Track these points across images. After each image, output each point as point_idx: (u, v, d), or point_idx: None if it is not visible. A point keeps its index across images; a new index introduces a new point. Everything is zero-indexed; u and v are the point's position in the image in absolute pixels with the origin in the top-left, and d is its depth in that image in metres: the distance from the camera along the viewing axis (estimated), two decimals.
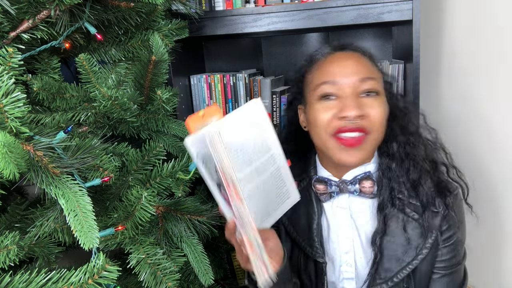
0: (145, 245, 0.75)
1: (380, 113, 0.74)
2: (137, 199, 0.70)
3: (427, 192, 0.78)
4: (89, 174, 0.67)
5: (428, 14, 1.31)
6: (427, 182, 0.79)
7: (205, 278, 0.82)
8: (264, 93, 1.32)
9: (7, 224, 0.75)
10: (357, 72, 0.75)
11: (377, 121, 0.74)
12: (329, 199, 0.83)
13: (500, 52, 1.30)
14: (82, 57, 0.73)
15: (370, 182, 0.79)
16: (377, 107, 0.74)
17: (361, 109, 0.72)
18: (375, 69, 0.79)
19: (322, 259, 0.81)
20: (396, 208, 0.78)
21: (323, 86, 0.76)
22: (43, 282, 0.56)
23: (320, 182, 0.82)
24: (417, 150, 0.82)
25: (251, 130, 0.66)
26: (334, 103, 0.75)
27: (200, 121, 0.65)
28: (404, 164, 0.81)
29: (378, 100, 0.75)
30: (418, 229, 0.77)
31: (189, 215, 0.85)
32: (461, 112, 1.36)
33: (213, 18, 1.19)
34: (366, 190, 0.79)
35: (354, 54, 0.79)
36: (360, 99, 0.74)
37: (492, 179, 1.38)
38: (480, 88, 1.34)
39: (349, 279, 0.83)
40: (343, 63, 0.77)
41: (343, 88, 0.74)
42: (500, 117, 1.34)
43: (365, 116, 0.73)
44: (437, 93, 1.37)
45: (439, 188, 0.79)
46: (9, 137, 0.51)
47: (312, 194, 0.85)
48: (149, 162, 0.81)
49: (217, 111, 0.67)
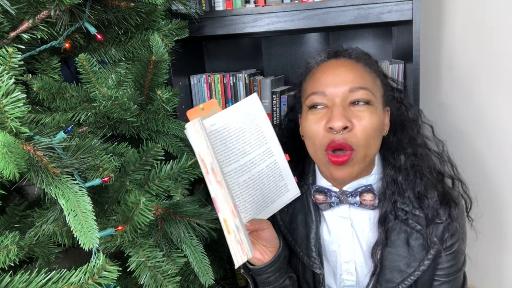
0: (145, 248, 0.75)
1: (368, 126, 0.71)
2: (135, 205, 0.69)
3: (432, 206, 0.77)
4: (89, 174, 0.67)
5: (428, 14, 1.31)
6: (433, 195, 0.77)
7: (205, 278, 0.82)
8: (264, 93, 1.32)
9: (6, 224, 0.75)
10: (347, 81, 0.72)
11: (363, 136, 0.71)
12: (329, 209, 0.81)
13: (500, 52, 1.29)
14: (82, 57, 0.73)
15: (371, 196, 0.77)
16: (365, 118, 0.71)
17: (347, 120, 0.70)
18: (370, 76, 0.76)
19: (319, 271, 0.80)
20: (399, 220, 0.77)
21: (312, 97, 0.75)
22: (43, 282, 0.56)
23: (320, 193, 0.80)
24: (424, 162, 0.80)
25: (247, 122, 0.68)
26: (323, 112, 0.73)
27: (200, 113, 0.68)
28: (410, 177, 0.79)
29: (369, 110, 0.72)
30: (420, 239, 0.76)
31: (188, 217, 0.85)
32: (461, 112, 1.36)
33: (213, 18, 1.19)
34: (366, 203, 0.78)
35: (347, 62, 0.77)
36: (348, 109, 0.72)
37: (493, 179, 1.38)
38: (480, 88, 1.34)
39: (350, 287, 0.82)
40: (333, 71, 0.75)
41: (332, 98, 0.73)
42: (500, 117, 1.34)
43: (352, 129, 0.71)
44: (437, 93, 1.37)
45: (444, 199, 0.78)
46: (9, 137, 0.50)
47: (311, 202, 0.83)
48: (147, 163, 0.81)
49: (216, 104, 0.70)
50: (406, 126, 0.82)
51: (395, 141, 0.81)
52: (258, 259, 0.76)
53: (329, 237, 0.83)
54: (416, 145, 0.81)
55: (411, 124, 0.82)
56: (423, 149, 0.81)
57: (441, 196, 0.78)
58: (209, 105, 0.69)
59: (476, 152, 1.38)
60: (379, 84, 0.77)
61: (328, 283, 0.84)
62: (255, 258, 0.76)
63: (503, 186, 1.37)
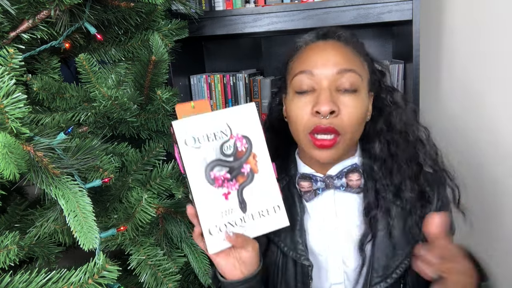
0: (146, 246, 0.75)
1: (354, 113, 0.71)
2: (137, 201, 0.70)
3: (409, 198, 0.75)
4: (89, 175, 0.67)
5: (428, 14, 1.31)
6: (410, 187, 0.76)
7: (205, 278, 0.82)
8: (264, 93, 1.32)
9: (7, 224, 0.75)
10: (336, 63, 0.71)
11: (349, 122, 0.70)
12: (314, 198, 0.79)
13: (500, 51, 1.30)
14: (82, 57, 0.73)
15: (357, 175, 0.76)
16: (352, 106, 0.71)
17: (334, 105, 0.69)
18: (358, 60, 0.75)
19: (307, 262, 0.76)
20: (383, 210, 0.76)
21: (300, 76, 0.73)
22: (43, 282, 0.56)
23: (305, 179, 0.78)
24: (402, 150, 0.78)
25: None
26: (310, 97, 0.72)
27: (190, 111, 0.67)
28: (387, 165, 0.77)
29: (356, 98, 0.72)
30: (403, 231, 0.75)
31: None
32: (461, 112, 1.36)
33: (213, 18, 1.19)
34: (353, 184, 0.76)
35: (336, 44, 0.75)
36: (335, 94, 0.71)
37: (492, 177, 1.38)
38: (480, 88, 1.34)
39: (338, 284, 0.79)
40: (322, 52, 0.73)
41: (320, 80, 0.72)
42: (500, 117, 1.34)
43: (338, 114, 0.70)
44: (437, 93, 1.37)
45: (421, 192, 0.77)
46: (10, 137, 0.51)
47: (295, 193, 0.81)
48: (149, 163, 0.81)
49: (207, 106, 0.69)
50: (384, 111, 0.79)
51: (371, 127, 0.79)
52: (228, 272, 0.69)
53: (314, 228, 0.80)
54: (394, 131, 0.78)
55: (390, 109, 0.79)
56: (402, 136, 0.78)
57: (419, 190, 0.76)
58: (200, 105, 0.68)
59: (476, 151, 1.38)
60: (366, 69, 0.76)
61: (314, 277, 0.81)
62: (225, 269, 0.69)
63: (503, 184, 1.38)
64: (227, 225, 0.66)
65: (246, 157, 0.68)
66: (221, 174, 0.66)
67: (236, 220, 0.67)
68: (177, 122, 0.63)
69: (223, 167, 0.66)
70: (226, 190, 0.66)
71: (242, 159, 0.67)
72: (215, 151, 0.65)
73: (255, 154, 0.68)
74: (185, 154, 0.63)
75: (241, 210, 0.67)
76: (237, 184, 0.67)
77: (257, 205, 0.69)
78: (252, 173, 0.68)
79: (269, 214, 0.70)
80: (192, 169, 0.64)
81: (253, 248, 0.68)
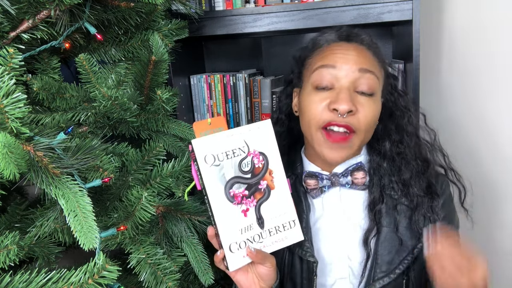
0: (145, 245, 0.75)
1: (370, 114, 0.73)
2: (137, 199, 0.70)
3: (417, 195, 0.77)
4: (89, 175, 0.67)
5: (428, 14, 1.31)
6: (418, 184, 0.78)
7: (205, 278, 0.82)
8: (264, 93, 1.32)
9: (7, 224, 0.75)
10: (358, 62, 0.74)
11: (365, 122, 0.73)
12: (320, 195, 0.81)
13: (500, 52, 1.30)
14: (82, 57, 0.73)
15: (362, 173, 0.78)
16: (368, 107, 0.73)
17: (353, 105, 0.71)
18: (377, 64, 0.78)
19: (313, 258, 0.78)
20: (388, 206, 0.78)
21: (321, 70, 0.75)
22: (43, 282, 0.56)
23: (311, 177, 0.80)
24: (411, 150, 0.80)
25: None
26: (328, 94, 0.74)
27: (206, 127, 0.68)
28: (396, 163, 0.80)
29: (372, 100, 0.74)
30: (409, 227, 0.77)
31: (189, 215, 0.85)
32: (461, 112, 1.37)
33: (213, 18, 1.19)
34: (358, 181, 0.78)
35: (359, 47, 0.78)
36: (354, 94, 0.73)
37: (491, 178, 1.38)
38: (480, 88, 1.34)
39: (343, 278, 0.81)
40: (345, 51, 0.76)
41: (340, 77, 0.73)
42: (500, 117, 1.34)
43: (355, 113, 0.72)
44: (437, 93, 1.37)
45: (429, 189, 0.78)
46: (10, 137, 0.51)
47: (301, 190, 0.83)
48: (149, 162, 0.81)
49: (224, 122, 0.70)
50: (395, 113, 0.82)
51: (382, 127, 0.81)
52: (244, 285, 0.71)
53: (320, 225, 0.82)
54: (403, 133, 0.81)
55: (401, 112, 0.82)
56: (412, 138, 0.81)
57: (426, 186, 0.78)
58: (216, 121, 0.70)
59: (476, 151, 1.38)
60: (383, 75, 0.79)
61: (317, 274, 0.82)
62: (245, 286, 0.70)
63: (502, 185, 1.38)
64: (246, 241, 0.67)
65: (263, 174, 0.68)
66: (240, 191, 0.66)
67: (255, 236, 0.68)
68: (196, 140, 0.63)
69: (241, 184, 0.66)
70: (245, 207, 0.67)
71: (259, 176, 0.68)
72: (233, 168, 0.66)
73: (272, 170, 0.69)
74: (205, 172, 0.64)
75: (259, 226, 0.68)
76: (254, 200, 0.68)
77: (273, 221, 0.70)
78: (269, 189, 0.69)
79: (285, 230, 0.71)
80: (212, 187, 0.64)
81: (271, 264, 0.69)
